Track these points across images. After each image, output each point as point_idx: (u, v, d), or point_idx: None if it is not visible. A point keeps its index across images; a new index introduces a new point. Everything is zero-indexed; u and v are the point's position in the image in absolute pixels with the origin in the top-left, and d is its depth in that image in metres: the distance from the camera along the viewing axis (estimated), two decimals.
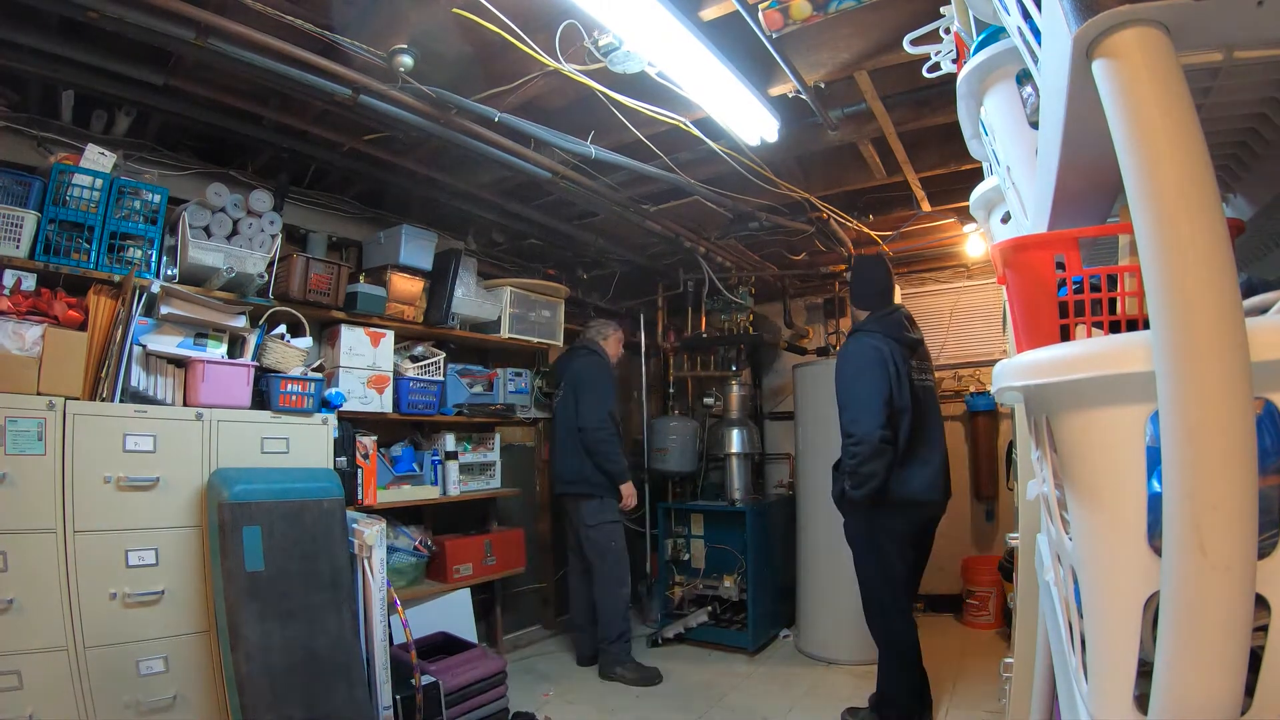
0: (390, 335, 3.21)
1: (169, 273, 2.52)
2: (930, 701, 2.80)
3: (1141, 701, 0.55)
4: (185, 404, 2.40)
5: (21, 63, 2.12)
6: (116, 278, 2.33)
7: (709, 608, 4.07)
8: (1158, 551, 0.51)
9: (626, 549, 3.69)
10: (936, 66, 1.59)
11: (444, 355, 3.56)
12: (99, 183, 2.30)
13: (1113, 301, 0.69)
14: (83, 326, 2.21)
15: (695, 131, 2.55)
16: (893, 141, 2.85)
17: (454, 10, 1.95)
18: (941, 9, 1.54)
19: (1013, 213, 1.00)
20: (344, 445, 2.85)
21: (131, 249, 2.40)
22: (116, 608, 2.11)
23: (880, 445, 2.58)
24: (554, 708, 3.17)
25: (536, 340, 3.97)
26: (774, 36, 1.99)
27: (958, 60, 1.43)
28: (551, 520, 4.45)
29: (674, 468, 4.70)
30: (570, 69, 2.13)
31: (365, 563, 2.50)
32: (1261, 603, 0.50)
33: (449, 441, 3.51)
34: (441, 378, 3.50)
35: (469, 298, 3.56)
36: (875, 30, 2.13)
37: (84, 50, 2.12)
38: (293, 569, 2.30)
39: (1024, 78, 0.94)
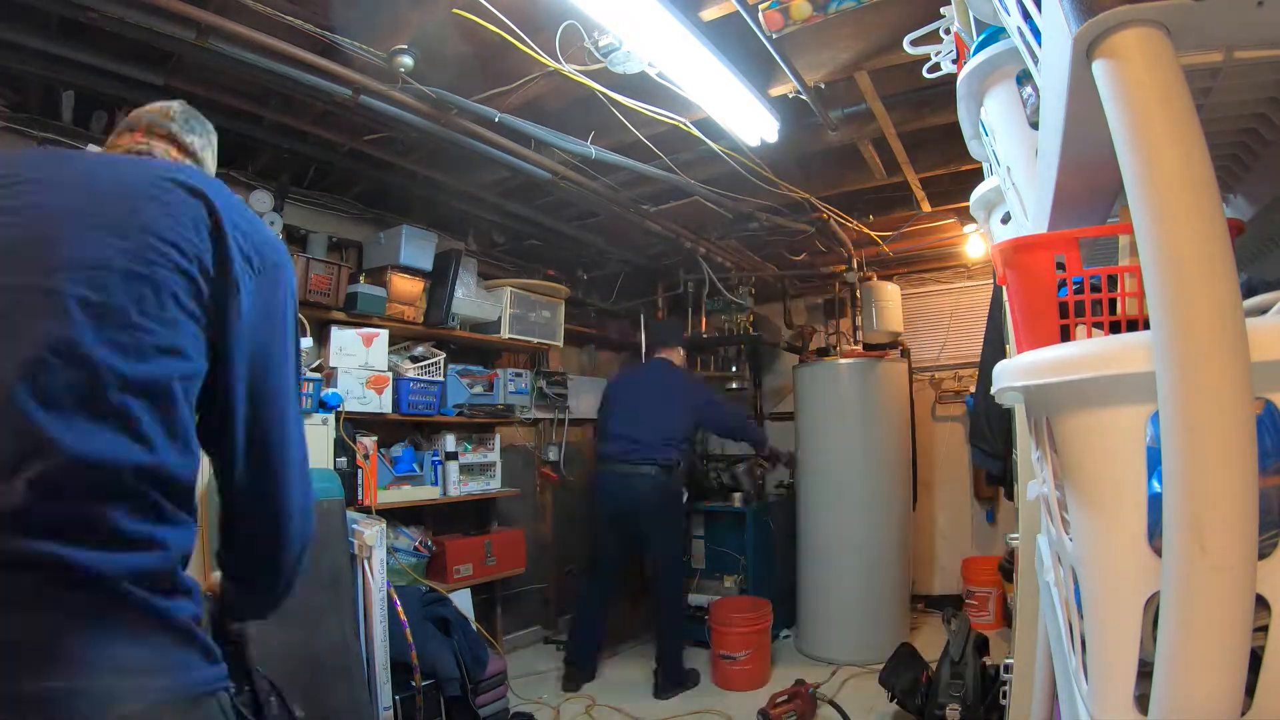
0: (384, 335, 3.20)
1: None
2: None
3: (1142, 702, 0.55)
4: None
5: (21, 63, 2.12)
6: None
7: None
8: (1158, 552, 0.51)
9: None
10: (936, 67, 1.59)
11: (444, 355, 3.56)
12: None
13: (1113, 302, 0.69)
14: None
15: (695, 132, 2.55)
16: (893, 142, 2.85)
17: (454, 10, 1.95)
18: (941, 9, 1.54)
19: (1013, 213, 1.00)
20: (344, 446, 2.85)
21: None
22: None
23: None
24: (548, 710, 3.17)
25: (536, 340, 3.97)
26: (774, 37, 1.99)
27: (958, 61, 1.43)
28: (553, 523, 4.46)
29: None
30: (570, 69, 2.13)
31: (365, 563, 2.50)
32: (1262, 603, 0.50)
33: (449, 442, 3.51)
34: (442, 378, 3.50)
35: (469, 298, 3.57)
36: (875, 31, 2.13)
37: (84, 50, 2.12)
38: None
39: (1024, 78, 0.94)
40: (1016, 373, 0.66)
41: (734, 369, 4.75)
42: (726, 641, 3.45)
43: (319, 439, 2.68)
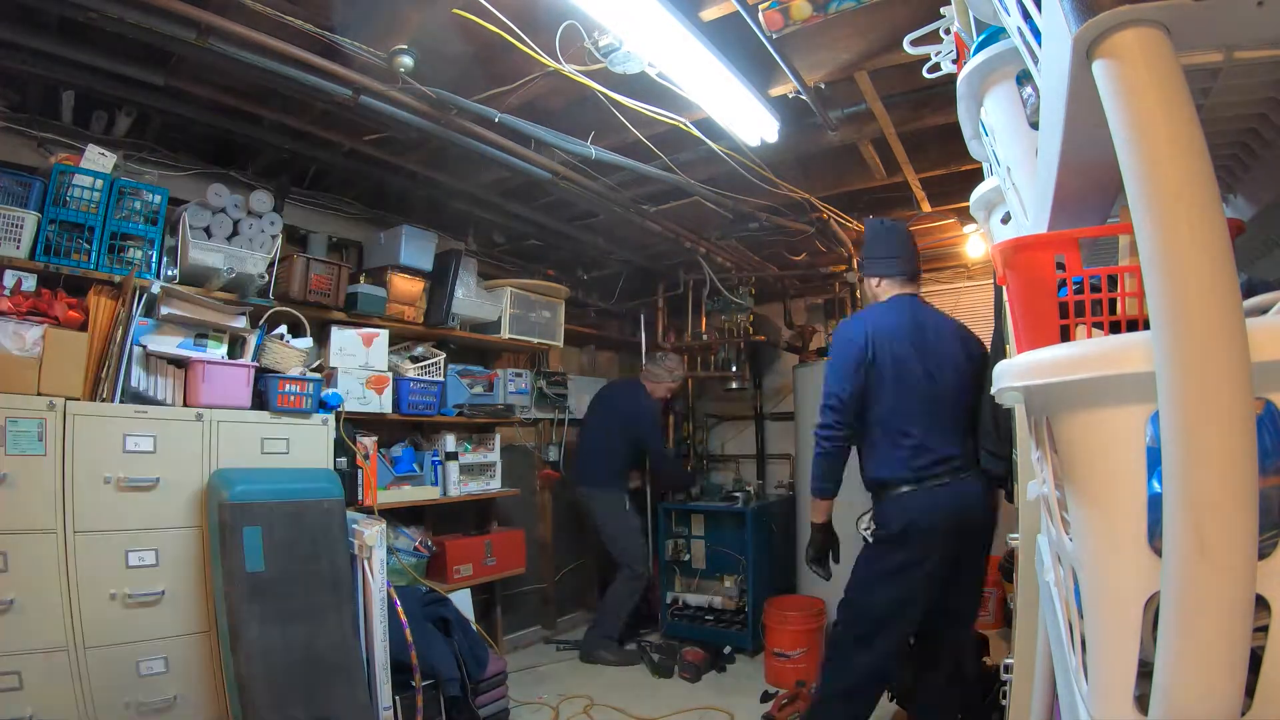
0: (384, 335, 3.20)
1: (169, 273, 2.52)
2: None
3: (1142, 702, 0.55)
4: (185, 404, 2.40)
5: (22, 63, 2.12)
6: (117, 278, 2.34)
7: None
8: (1158, 552, 0.51)
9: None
10: (936, 67, 1.59)
11: (444, 356, 3.56)
12: (99, 183, 2.30)
13: (1113, 302, 0.69)
14: (83, 327, 2.21)
15: (695, 132, 2.55)
16: (893, 142, 2.85)
17: (454, 11, 1.95)
18: (941, 9, 1.54)
19: (1013, 213, 1.00)
20: (344, 446, 2.85)
21: (132, 249, 2.40)
22: (117, 608, 2.11)
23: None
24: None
25: (537, 341, 3.97)
26: (774, 37, 1.99)
27: (958, 61, 1.43)
28: (553, 523, 4.46)
29: None
30: (570, 69, 2.13)
31: (365, 563, 2.50)
32: (1261, 603, 0.50)
33: (449, 442, 3.51)
34: (442, 378, 3.50)
35: (469, 298, 3.57)
36: (875, 31, 2.13)
37: (84, 51, 2.12)
38: (293, 569, 2.30)
39: (1024, 78, 0.94)
40: (1016, 373, 0.66)
41: (734, 369, 4.75)
42: (781, 639, 3.46)
43: (319, 439, 2.68)
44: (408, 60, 2.14)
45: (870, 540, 2.31)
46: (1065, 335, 0.70)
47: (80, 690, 2.01)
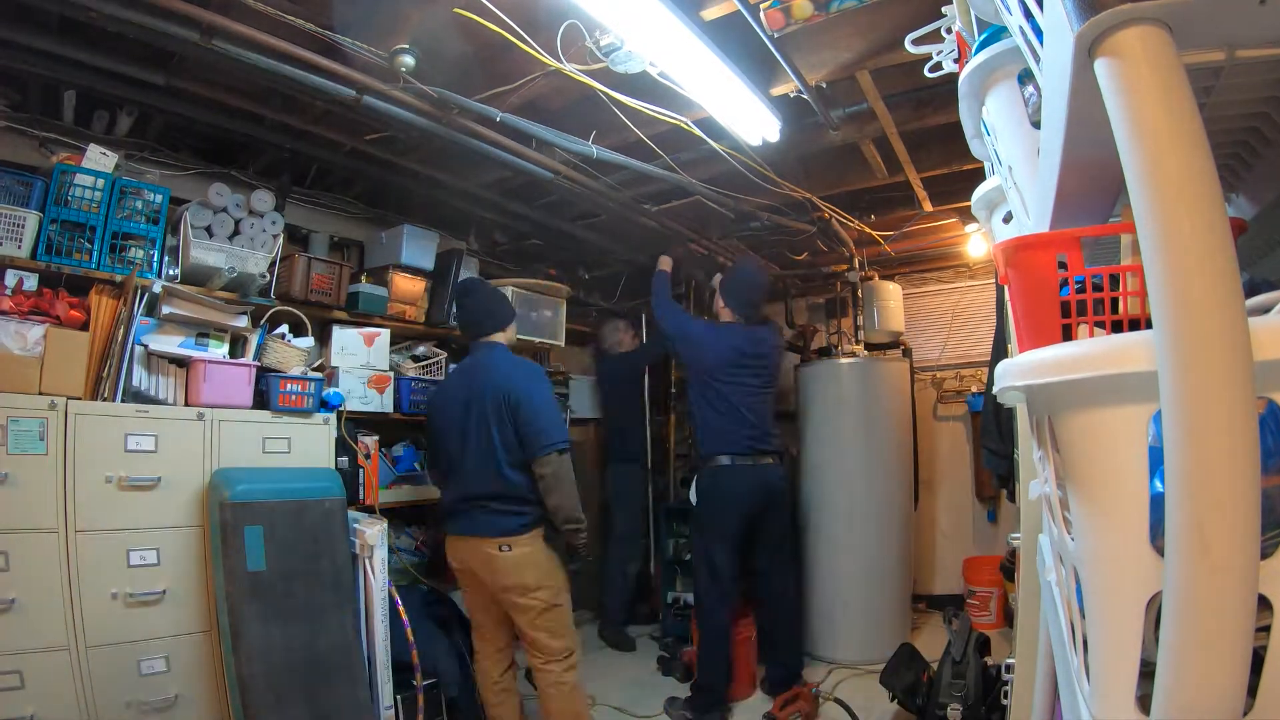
0: (385, 334, 3.20)
1: (171, 273, 2.52)
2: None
3: (1144, 702, 0.55)
4: (187, 404, 2.41)
5: (23, 63, 2.12)
6: (118, 278, 2.34)
7: None
8: (1160, 552, 0.51)
9: None
10: (938, 66, 1.59)
11: (446, 355, 3.56)
12: (101, 183, 2.30)
13: (1115, 301, 0.69)
14: (85, 326, 2.21)
15: (697, 131, 2.55)
16: (894, 141, 2.84)
17: (455, 10, 1.95)
18: (943, 8, 1.54)
19: (1014, 212, 1.00)
20: (345, 445, 2.85)
21: (133, 249, 2.40)
22: (118, 607, 2.11)
23: None
24: None
25: (538, 340, 3.97)
26: (775, 36, 1.99)
27: (959, 60, 1.43)
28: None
29: None
30: (572, 69, 2.13)
31: (367, 562, 2.50)
32: (1264, 603, 0.50)
33: None
34: (443, 377, 3.50)
35: None
36: (877, 30, 2.13)
37: (85, 50, 2.13)
38: (294, 569, 2.30)
39: (1026, 77, 0.94)
40: (1018, 372, 0.66)
41: None
42: None
43: (320, 438, 2.68)
44: (409, 60, 2.14)
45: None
46: (1067, 334, 0.70)
47: (81, 689, 2.01)
